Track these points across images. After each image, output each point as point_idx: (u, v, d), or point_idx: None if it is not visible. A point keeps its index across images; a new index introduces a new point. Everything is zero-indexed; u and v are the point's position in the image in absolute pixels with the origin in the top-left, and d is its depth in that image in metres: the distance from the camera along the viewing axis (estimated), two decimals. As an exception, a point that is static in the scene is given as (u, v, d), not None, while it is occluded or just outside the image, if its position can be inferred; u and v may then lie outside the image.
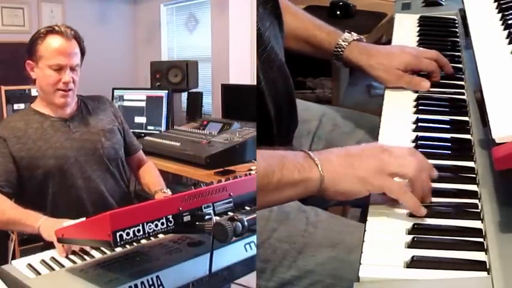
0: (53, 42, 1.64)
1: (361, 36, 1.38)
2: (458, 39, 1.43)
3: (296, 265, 1.10)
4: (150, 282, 1.06)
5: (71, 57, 1.66)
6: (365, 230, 0.85)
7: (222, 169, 2.50)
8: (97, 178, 1.72)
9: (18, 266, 1.15)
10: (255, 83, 0.94)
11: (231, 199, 1.19)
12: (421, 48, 1.35)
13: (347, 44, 1.35)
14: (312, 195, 0.92)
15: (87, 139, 1.73)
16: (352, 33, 1.37)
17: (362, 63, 1.32)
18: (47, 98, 1.71)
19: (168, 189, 1.79)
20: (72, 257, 1.22)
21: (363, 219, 0.89)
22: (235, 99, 3.37)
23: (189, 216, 1.07)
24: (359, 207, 1.45)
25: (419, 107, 1.17)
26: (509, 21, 1.11)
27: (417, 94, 1.22)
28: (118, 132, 1.85)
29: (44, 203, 1.63)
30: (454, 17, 1.54)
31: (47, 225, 1.38)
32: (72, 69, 1.67)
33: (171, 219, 1.03)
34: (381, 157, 0.90)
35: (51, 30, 1.65)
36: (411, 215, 0.87)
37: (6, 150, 1.61)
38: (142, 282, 1.05)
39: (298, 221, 1.14)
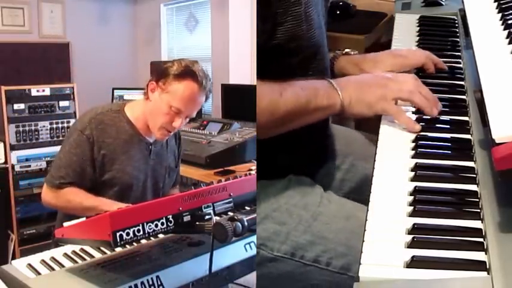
0: (188, 88, 1.56)
1: (351, 50, 1.40)
2: (458, 39, 1.43)
3: (310, 230, 1.13)
4: (150, 282, 1.06)
5: (195, 108, 1.62)
6: (365, 230, 0.85)
7: (222, 169, 2.50)
8: None
9: (18, 266, 1.15)
10: (255, 83, 0.94)
11: (231, 199, 1.19)
12: (412, 49, 1.37)
13: (336, 59, 1.37)
14: (334, 114, 1.15)
15: (157, 171, 1.75)
16: (346, 49, 1.39)
17: (350, 71, 1.34)
18: (148, 123, 1.66)
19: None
20: (72, 256, 1.22)
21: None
22: (235, 99, 3.36)
23: (189, 216, 1.07)
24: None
25: (419, 107, 1.17)
26: (509, 21, 1.10)
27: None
28: (176, 170, 1.87)
29: None
30: (454, 17, 1.54)
31: None
32: (187, 117, 1.63)
33: (171, 219, 1.04)
34: (386, 85, 1.12)
35: (192, 74, 1.56)
36: (411, 215, 0.87)
37: (88, 152, 1.59)
38: (142, 282, 1.05)
39: (314, 194, 1.21)
